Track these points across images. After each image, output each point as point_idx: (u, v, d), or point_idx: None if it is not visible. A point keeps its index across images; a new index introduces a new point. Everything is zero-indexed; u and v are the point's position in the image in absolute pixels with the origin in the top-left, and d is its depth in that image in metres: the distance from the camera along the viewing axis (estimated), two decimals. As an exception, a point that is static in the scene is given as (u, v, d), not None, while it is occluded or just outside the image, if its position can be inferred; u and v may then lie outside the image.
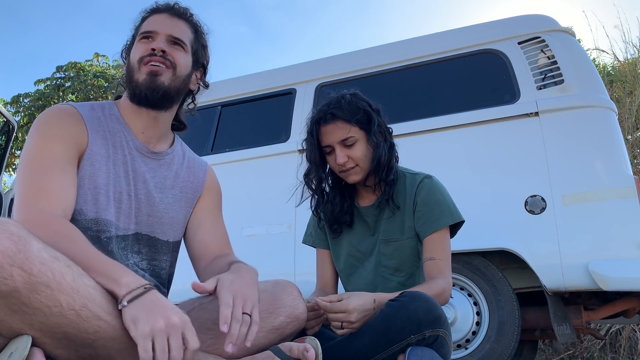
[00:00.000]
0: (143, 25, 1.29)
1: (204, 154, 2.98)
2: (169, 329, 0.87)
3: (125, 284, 0.90)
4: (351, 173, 1.52)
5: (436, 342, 1.21)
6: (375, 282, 1.57)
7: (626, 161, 2.30)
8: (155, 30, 1.26)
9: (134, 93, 1.24)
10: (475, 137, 2.49)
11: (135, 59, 1.24)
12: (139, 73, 1.23)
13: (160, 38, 1.25)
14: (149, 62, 1.23)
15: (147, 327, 0.85)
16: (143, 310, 0.87)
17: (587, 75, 2.46)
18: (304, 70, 3.08)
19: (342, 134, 1.49)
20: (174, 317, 0.88)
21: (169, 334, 0.86)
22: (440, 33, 2.92)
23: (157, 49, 1.23)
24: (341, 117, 1.49)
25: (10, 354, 0.81)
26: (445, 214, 1.51)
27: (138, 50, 1.25)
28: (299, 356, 1.08)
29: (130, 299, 0.89)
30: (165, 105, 1.27)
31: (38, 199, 1.06)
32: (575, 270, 2.15)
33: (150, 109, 1.26)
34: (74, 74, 9.56)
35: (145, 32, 1.26)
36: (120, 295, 0.89)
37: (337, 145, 1.50)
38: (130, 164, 1.25)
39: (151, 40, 1.25)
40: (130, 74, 1.25)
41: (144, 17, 1.31)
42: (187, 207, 1.36)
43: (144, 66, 1.23)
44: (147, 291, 0.91)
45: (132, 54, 1.27)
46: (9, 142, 3.55)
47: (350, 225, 1.63)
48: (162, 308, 0.88)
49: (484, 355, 2.22)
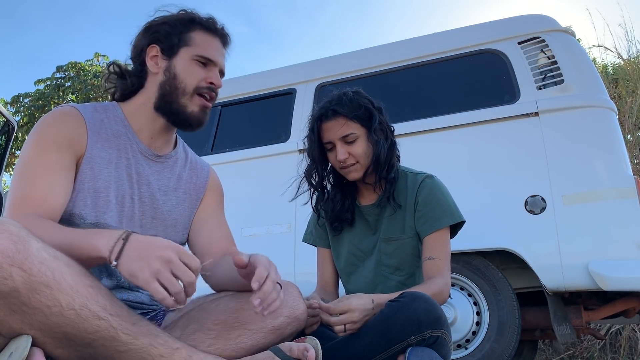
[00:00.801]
0: (200, 44, 1.24)
1: (204, 154, 2.98)
2: (167, 264, 0.88)
3: (103, 245, 0.91)
4: (351, 170, 1.52)
5: (436, 343, 1.21)
6: (375, 281, 1.57)
7: (626, 161, 2.30)
8: (215, 61, 1.25)
9: (172, 113, 1.23)
10: (476, 137, 2.49)
11: (190, 84, 1.22)
12: (190, 101, 1.22)
13: (216, 71, 1.25)
14: (203, 94, 1.23)
15: (146, 273, 0.87)
16: (135, 260, 0.88)
17: (587, 75, 2.46)
18: (304, 70, 3.08)
19: (343, 130, 1.50)
20: (165, 251, 0.88)
21: (170, 268, 0.88)
22: (440, 33, 2.92)
23: (217, 86, 1.24)
24: (342, 113, 1.50)
25: (10, 354, 0.81)
26: (446, 214, 1.51)
27: (195, 74, 1.22)
28: (299, 356, 1.08)
29: (116, 256, 0.89)
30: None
31: (21, 205, 1.07)
32: (575, 270, 2.15)
33: (171, 125, 1.27)
34: (74, 74, 9.56)
35: (206, 58, 1.24)
36: (106, 257, 0.90)
37: (338, 142, 1.51)
38: (134, 167, 1.24)
39: (207, 68, 1.24)
40: (176, 92, 1.22)
41: (197, 28, 1.26)
42: (191, 208, 1.36)
43: (197, 97, 1.23)
44: (127, 240, 0.91)
45: (184, 72, 1.22)
46: (9, 142, 3.55)
47: (351, 224, 1.63)
48: (150, 248, 0.89)
49: (484, 355, 2.22)
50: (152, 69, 1.25)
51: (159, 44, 1.24)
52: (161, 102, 1.24)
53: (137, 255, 0.88)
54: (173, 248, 0.90)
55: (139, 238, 0.92)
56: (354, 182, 1.60)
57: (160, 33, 1.24)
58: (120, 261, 0.89)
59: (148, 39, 1.25)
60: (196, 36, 1.25)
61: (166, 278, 0.87)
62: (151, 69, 1.25)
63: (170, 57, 1.23)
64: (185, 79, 1.22)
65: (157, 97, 1.24)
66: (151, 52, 1.25)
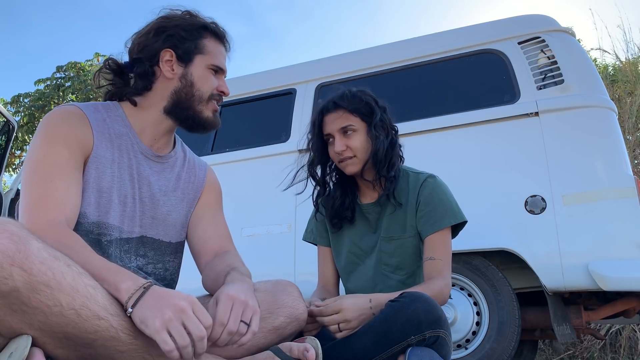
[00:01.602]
0: (213, 52, 1.28)
1: (204, 154, 2.98)
2: (179, 315, 0.87)
3: (125, 289, 0.90)
4: (349, 163, 1.54)
5: (436, 343, 1.21)
6: (375, 280, 1.57)
7: (626, 161, 2.30)
8: (224, 70, 1.32)
9: (188, 118, 1.27)
10: (476, 137, 2.49)
11: (206, 92, 1.26)
12: (205, 106, 1.27)
13: (224, 78, 1.32)
14: (215, 100, 1.29)
15: (157, 321, 0.86)
16: (148, 309, 0.88)
17: (587, 75, 2.46)
18: (304, 70, 3.08)
19: (341, 121, 1.53)
20: (180, 302, 0.88)
21: (181, 320, 0.87)
22: (440, 33, 2.92)
23: (226, 94, 1.31)
24: (343, 106, 1.54)
25: (10, 354, 0.80)
26: (447, 214, 1.51)
27: (210, 82, 1.27)
28: (299, 356, 1.08)
29: (134, 303, 0.89)
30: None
31: (42, 207, 1.06)
32: (575, 270, 2.14)
33: (182, 128, 1.31)
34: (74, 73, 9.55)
35: (218, 67, 1.29)
36: (123, 301, 0.90)
37: (337, 134, 1.53)
38: (135, 167, 1.25)
39: (217, 76, 1.30)
40: (193, 99, 1.26)
41: (208, 35, 1.29)
42: (189, 208, 1.37)
43: (211, 102, 1.28)
44: (147, 290, 0.91)
45: (201, 80, 1.26)
46: (9, 142, 3.55)
47: (351, 221, 1.63)
48: (166, 299, 0.89)
49: (484, 355, 2.22)
50: (167, 74, 1.25)
51: (174, 49, 1.24)
52: (175, 107, 1.26)
53: (152, 304, 0.88)
54: (189, 300, 0.89)
55: (158, 290, 0.91)
56: (355, 180, 1.61)
57: (176, 38, 1.24)
58: (135, 308, 0.89)
59: (163, 42, 1.24)
60: (209, 44, 1.28)
61: (176, 328, 0.86)
62: (166, 74, 1.25)
63: (186, 64, 1.25)
64: (202, 87, 1.26)
65: (171, 102, 1.26)
66: (165, 56, 1.24)
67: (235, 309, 0.97)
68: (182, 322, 0.87)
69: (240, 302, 0.98)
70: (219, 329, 0.94)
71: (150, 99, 1.27)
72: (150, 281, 0.94)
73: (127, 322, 0.90)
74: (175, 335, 0.86)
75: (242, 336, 0.97)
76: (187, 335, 0.87)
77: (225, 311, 0.96)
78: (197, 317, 0.89)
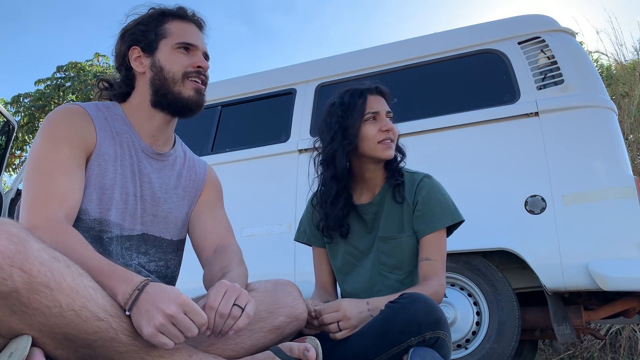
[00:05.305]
0: (177, 33, 1.27)
1: (204, 154, 2.98)
2: (170, 319, 0.89)
3: (121, 293, 0.92)
4: (392, 146, 1.55)
5: (436, 344, 1.21)
6: (373, 280, 1.57)
7: (626, 161, 2.30)
8: (196, 45, 1.28)
9: (170, 103, 1.25)
10: (476, 137, 2.49)
11: (178, 71, 1.24)
12: (182, 87, 1.25)
13: (199, 54, 1.28)
14: (193, 78, 1.25)
15: (150, 328, 0.88)
16: (141, 315, 0.89)
17: (587, 75, 2.46)
18: (304, 70, 3.08)
19: (386, 106, 1.58)
20: (169, 308, 0.89)
21: (173, 323, 0.89)
22: (440, 33, 2.92)
23: (205, 68, 1.27)
24: (386, 93, 1.60)
25: (10, 354, 0.81)
26: (445, 215, 1.51)
27: (179, 61, 1.25)
28: (300, 356, 1.08)
29: (129, 307, 0.91)
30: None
31: (41, 204, 1.07)
32: (575, 270, 2.14)
33: (172, 116, 1.29)
34: (74, 74, 9.55)
35: (186, 43, 1.27)
36: (122, 305, 0.91)
37: (385, 115, 1.56)
38: (137, 165, 1.26)
39: (190, 53, 1.27)
40: (167, 83, 1.25)
41: (170, 19, 1.29)
42: (190, 205, 1.38)
43: (188, 81, 1.25)
44: (141, 291, 0.92)
45: (169, 62, 1.25)
46: (9, 142, 3.55)
47: (344, 237, 1.61)
48: (157, 303, 0.89)
49: (484, 355, 2.22)
50: (138, 70, 1.28)
51: (138, 44, 1.27)
52: (157, 96, 1.26)
53: (144, 308, 0.90)
54: (179, 303, 0.90)
55: (151, 290, 0.92)
56: (350, 181, 1.59)
57: (137, 34, 1.28)
58: (132, 312, 0.91)
59: (127, 43, 1.28)
60: (171, 27, 1.28)
61: (169, 332, 0.89)
62: (137, 70, 1.28)
63: (152, 53, 1.27)
64: (171, 68, 1.25)
65: (152, 93, 1.27)
66: (133, 54, 1.28)
67: (228, 294, 0.98)
68: (175, 324, 0.89)
69: (235, 288, 1.00)
70: (210, 313, 0.95)
71: (137, 97, 1.29)
72: (145, 279, 0.94)
73: (127, 323, 0.90)
74: (170, 337, 0.89)
75: (237, 320, 0.97)
76: (182, 334, 0.90)
77: (216, 296, 0.98)
78: (190, 317, 0.90)
